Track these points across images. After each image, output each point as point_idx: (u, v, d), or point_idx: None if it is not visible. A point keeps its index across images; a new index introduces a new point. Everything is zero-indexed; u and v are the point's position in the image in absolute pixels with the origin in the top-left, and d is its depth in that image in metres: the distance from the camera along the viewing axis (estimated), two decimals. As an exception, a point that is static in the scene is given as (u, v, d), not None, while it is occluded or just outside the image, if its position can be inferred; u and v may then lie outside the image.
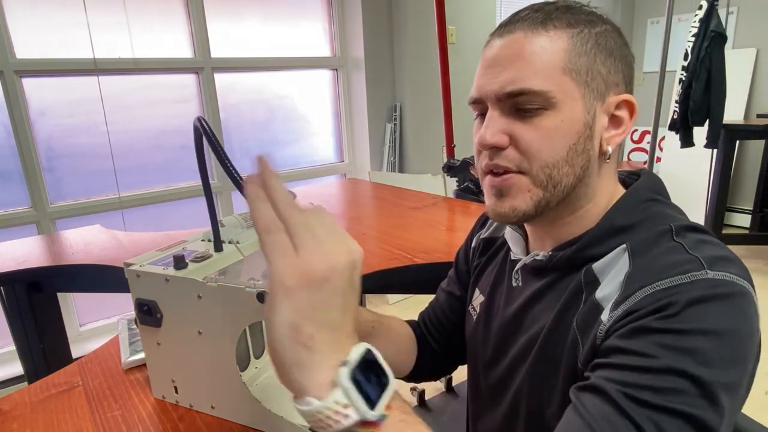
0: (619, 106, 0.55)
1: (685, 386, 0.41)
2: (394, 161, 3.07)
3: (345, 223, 1.51)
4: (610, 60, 0.54)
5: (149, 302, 0.62)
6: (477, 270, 0.75)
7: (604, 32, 0.54)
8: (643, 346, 0.43)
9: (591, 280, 0.53)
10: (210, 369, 0.62)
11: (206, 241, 0.69)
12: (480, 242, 0.76)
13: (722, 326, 0.43)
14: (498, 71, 0.53)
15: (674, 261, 0.47)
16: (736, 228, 3.82)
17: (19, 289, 1.34)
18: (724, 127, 2.84)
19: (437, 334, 0.82)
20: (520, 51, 0.52)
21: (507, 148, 0.54)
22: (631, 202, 0.55)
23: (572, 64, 0.52)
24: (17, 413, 0.67)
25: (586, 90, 0.53)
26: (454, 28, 3.06)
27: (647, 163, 2.71)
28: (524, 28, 0.53)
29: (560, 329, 0.54)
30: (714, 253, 0.47)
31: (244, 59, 2.60)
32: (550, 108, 0.52)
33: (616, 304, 0.47)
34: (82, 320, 2.38)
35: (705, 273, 0.45)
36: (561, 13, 0.53)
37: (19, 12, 2.00)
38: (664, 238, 0.50)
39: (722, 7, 2.89)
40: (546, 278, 0.59)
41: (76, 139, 2.21)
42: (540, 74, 0.51)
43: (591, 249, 0.54)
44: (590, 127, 0.53)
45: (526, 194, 0.54)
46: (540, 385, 0.56)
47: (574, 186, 0.55)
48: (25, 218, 2.13)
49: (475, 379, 0.72)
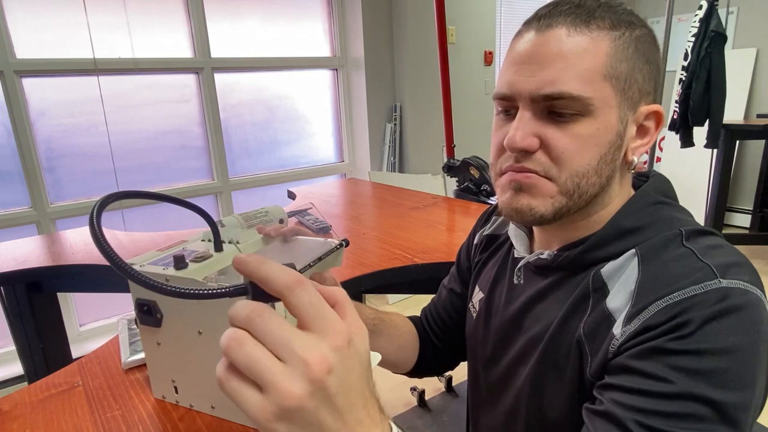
0: (648, 117, 0.53)
1: (704, 411, 0.40)
2: (394, 161, 3.07)
3: (345, 222, 1.51)
4: (647, 67, 0.51)
5: (149, 302, 0.62)
6: (478, 267, 0.75)
7: (642, 37, 0.51)
8: (658, 369, 0.42)
9: (599, 286, 0.51)
10: (210, 369, 0.62)
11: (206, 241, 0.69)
12: (483, 239, 0.75)
13: (737, 343, 0.42)
14: (535, 69, 0.49)
15: (686, 269, 0.46)
16: (736, 228, 3.82)
17: (19, 289, 1.34)
18: (724, 127, 2.84)
19: (438, 330, 0.82)
20: (561, 50, 0.48)
21: (536, 152, 0.51)
22: (640, 204, 0.54)
23: (613, 70, 0.49)
24: (17, 413, 0.67)
25: (622, 98, 0.50)
26: (454, 28, 3.06)
27: (647, 163, 2.71)
28: (567, 24, 0.49)
29: (565, 335, 0.53)
30: (725, 260, 0.46)
31: (244, 59, 2.60)
32: (587, 115, 0.49)
33: (629, 318, 0.46)
34: (82, 320, 2.38)
35: (718, 282, 0.44)
36: (604, 11, 0.50)
37: (19, 12, 2.00)
38: (674, 244, 0.49)
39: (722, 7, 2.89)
40: (549, 278, 0.58)
41: (76, 139, 2.21)
42: (582, 78, 0.48)
43: (597, 251, 0.53)
44: (621, 137, 0.51)
45: (548, 199, 0.52)
46: (542, 388, 0.55)
47: (596, 195, 0.53)
48: (25, 218, 2.13)
49: (475, 376, 0.72)
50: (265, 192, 2.82)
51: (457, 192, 2.26)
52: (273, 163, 2.85)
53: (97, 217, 0.39)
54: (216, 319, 0.59)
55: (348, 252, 1.21)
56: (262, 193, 2.81)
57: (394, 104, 3.06)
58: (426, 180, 3.02)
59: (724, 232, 3.13)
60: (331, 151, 3.12)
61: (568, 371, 0.52)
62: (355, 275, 1.07)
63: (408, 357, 0.80)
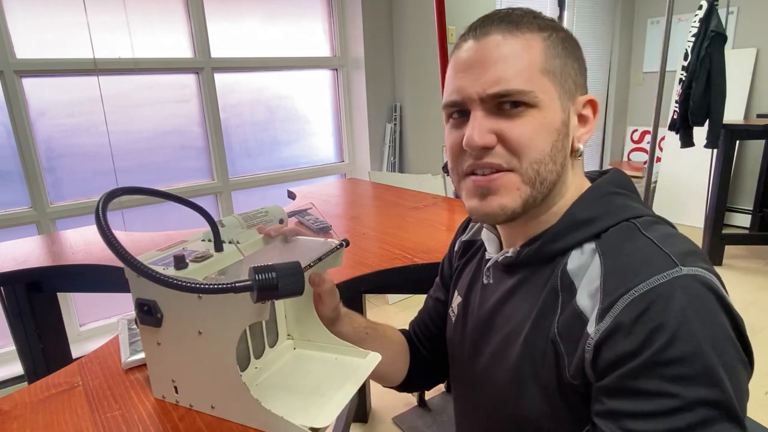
0: (585, 106, 0.58)
1: (711, 414, 0.42)
2: (394, 161, 3.07)
3: (345, 222, 1.51)
4: (576, 63, 0.57)
5: (149, 302, 0.62)
6: (456, 272, 0.76)
7: (566, 38, 0.57)
8: (657, 385, 0.43)
9: (568, 284, 0.53)
10: (210, 369, 0.62)
11: (206, 241, 0.69)
12: (461, 245, 0.77)
13: (712, 335, 0.43)
14: (479, 72, 0.53)
15: (647, 258, 0.48)
16: (736, 228, 3.82)
17: (19, 289, 1.34)
18: (724, 127, 2.84)
19: (426, 341, 0.82)
20: (499, 52, 0.53)
21: (495, 147, 0.54)
22: (594, 195, 0.57)
23: (549, 65, 0.54)
24: (17, 413, 0.67)
25: (561, 90, 0.55)
26: (454, 28, 3.06)
27: (647, 163, 2.71)
28: (500, 30, 0.54)
29: (539, 334, 0.54)
30: (683, 248, 0.48)
31: (244, 59, 2.60)
32: (533, 106, 0.53)
33: (600, 315, 0.47)
34: (82, 320, 2.38)
35: (679, 270, 0.46)
36: (530, 18, 0.55)
37: (19, 12, 2.00)
38: (633, 234, 0.51)
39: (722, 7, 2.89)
40: (517, 275, 0.60)
41: (76, 139, 2.21)
42: (522, 75, 0.52)
43: (554, 243, 0.55)
44: (566, 125, 0.56)
45: (515, 192, 0.55)
46: (520, 388, 0.56)
47: (554, 183, 0.56)
48: (25, 218, 2.13)
49: (457, 379, 0.73)
50: (265, 192, 2.82)
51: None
52: (273, 163, 2.85)
53: (103, 211, 0.40)
54: (216, 319, 0.59)
55: (348, 252, 1.21)
56: (262, 193, 2.81)
57: (394, 104, 3.07)
58: (426, 180, 3.02)
59: (724, 232, 3.13)
60: (331, 151, 3.12)
61: (545, 371, 0.53)
62: (355, 275, 1.07)
63: (399, 369, 0.80)
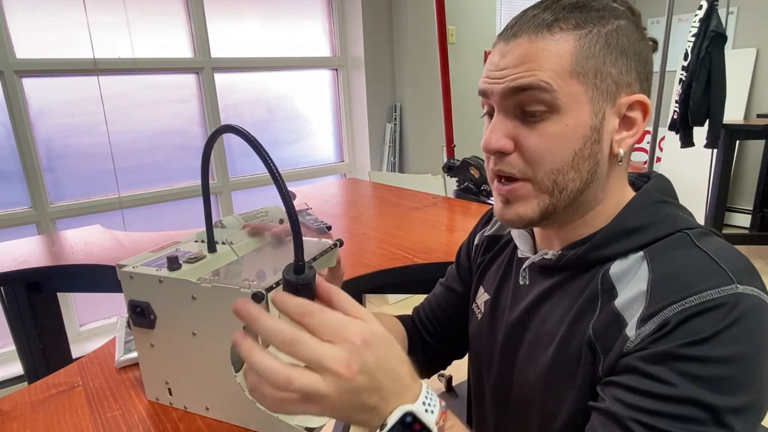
0: (632, 107, 0.53)
1: (703, 416, 0.42)
2: (394, 161, 3.07)
3: (345, 222, 1.51)
4: (622, 59, 0.51)
5: (142, 304, 0.62)
6: (481, 268, 0.74)
7: (616, 30, 0.51)
8: (663, 373, 0.43)
9: (608, 288, 0.52)
10: (204, 370, 0.62)
11: (200, 242, 0.69)
12: (484, 239, 0.75)
13: (746, 351, 0.43)
14: (504, 72, 0.52)
15: (701, 272, 0.46)
16: (736, 228, 3.82)
17: (19, 289, 1.34)
18: (724, 127, 2.84)
19: (431, 327, 0.81)
20: (525, 55, 0.51)
21: (511, 154, 0.53)
22: (642, 203, 0.55)
23: (580, 67, 0.50)
24: (17, 413, 0.67)
25: (594, 92, 0.51)
26: (454, 28, 3.06)
27: (647, 163, 2.71)
28: (529, 32, 0.51)
29: (575, 337, 0.53)
30: (740, 265, 0.47)
31: (244, 59, 2.60)
32: (555, 112, 0.51)
33: (643, 320, 0.46)
34: (82, 320, 2.38)
35: (735, 288, 0.44)
36: (569, 12, 0.51)
37: (19, 12, 2.00)
38: (685, 244, 0.50)
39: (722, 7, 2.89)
40: (555, 278, 0.58)
41: (76, 139, 2.21)
42: (547, 74, 0.50)
43: (602, 249, 0.54)
44: (598, 131, 0.52)
45: (532, 201, 0.54)
46: (553, 390, 0.55)
47: (581, 191, 0.54)
48: (25, 218, 2.13)
49: (479, 378, 0.71)
50: (265, 192, 2.82)
51: (457, 192, 2.26)
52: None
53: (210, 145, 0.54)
54: (210, 321, 0.59)
55: (348, 252, 1.21)
56: (262, 193, 2.81)
57: (394, 104, 3.06)
58: (426, 180, 3.02)
59: (724, 232, 3.13)
60: (331, 151, 3.12)
61: (579, 373, 0.52)
62: (355, 275, 1.07)
63: None
